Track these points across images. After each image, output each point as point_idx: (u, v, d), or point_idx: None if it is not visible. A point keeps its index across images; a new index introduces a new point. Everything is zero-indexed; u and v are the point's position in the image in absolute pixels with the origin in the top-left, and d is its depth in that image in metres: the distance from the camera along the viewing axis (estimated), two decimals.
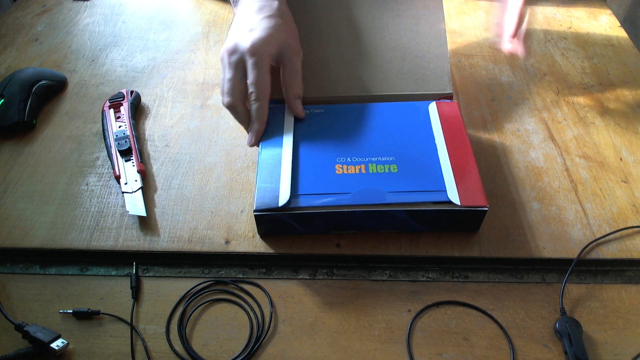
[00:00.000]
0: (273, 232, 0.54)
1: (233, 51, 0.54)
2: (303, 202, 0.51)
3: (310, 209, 0.51)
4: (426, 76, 0.62)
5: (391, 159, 0.54)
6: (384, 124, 0.58)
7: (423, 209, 0.51)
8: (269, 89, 0.55)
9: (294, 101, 0.57)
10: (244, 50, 0.53)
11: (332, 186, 0.52)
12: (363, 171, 0.53)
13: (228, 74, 0.54)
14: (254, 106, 0.54)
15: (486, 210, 0.51)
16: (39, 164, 0.63)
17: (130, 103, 0.67)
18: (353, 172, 0.53)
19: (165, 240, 0.54)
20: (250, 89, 0.54)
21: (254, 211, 0.51)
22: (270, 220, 0.52)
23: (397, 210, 0.51)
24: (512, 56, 0.55)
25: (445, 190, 0.51)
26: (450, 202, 0.50)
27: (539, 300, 0.50)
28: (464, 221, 0.53)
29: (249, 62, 0.53)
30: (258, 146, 0.56)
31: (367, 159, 0.54)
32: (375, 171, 0.53)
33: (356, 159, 0.55)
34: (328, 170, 0.54)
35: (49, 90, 0.71)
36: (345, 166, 0.54)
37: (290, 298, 0.50)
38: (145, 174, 0.60)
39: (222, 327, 0.48)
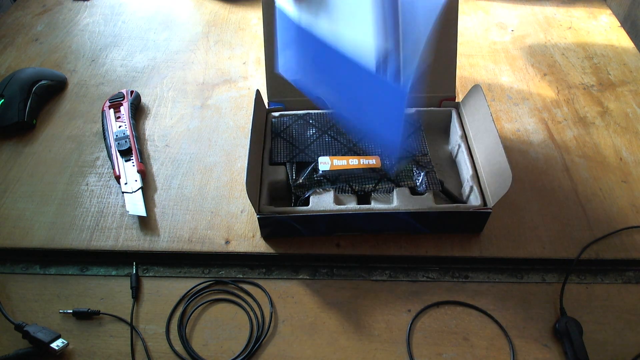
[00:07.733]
0: (276, 234, 0.54)
1: None
2: None
3: (313, 212, 0.51)
4: (433, 79, 0.61)
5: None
6: None
7: (426, 210, 0.51)
8: None
9: None
10: None
11: None
12: None
13: None
14: None
15: (490, 212, 0.51)
16: (39, 164, 0.63)
17: (130, 103, 0.67)
18: None
19: (165, 240, 0.54)
20: None
21: (257, 213, 0.51)
22: (273, 223, 0.52)
23: (401, 212, 0.51)
24: None
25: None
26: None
27: (539, 300, 0.50)
28: (467, 222, 0.53)
29: None
30: None
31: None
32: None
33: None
34: None
35: (49, 90, 0.71)
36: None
37: (290, 298, 0.50)
38: (145, 174, 0.60)
39: (222, 327, 0.48)
